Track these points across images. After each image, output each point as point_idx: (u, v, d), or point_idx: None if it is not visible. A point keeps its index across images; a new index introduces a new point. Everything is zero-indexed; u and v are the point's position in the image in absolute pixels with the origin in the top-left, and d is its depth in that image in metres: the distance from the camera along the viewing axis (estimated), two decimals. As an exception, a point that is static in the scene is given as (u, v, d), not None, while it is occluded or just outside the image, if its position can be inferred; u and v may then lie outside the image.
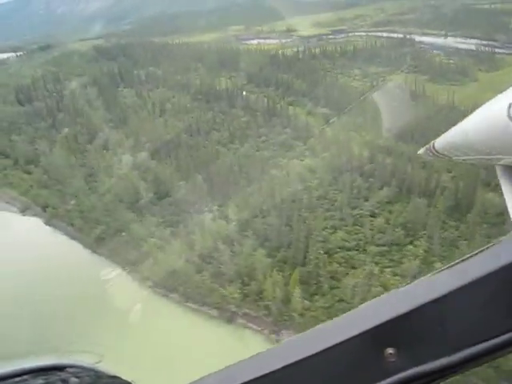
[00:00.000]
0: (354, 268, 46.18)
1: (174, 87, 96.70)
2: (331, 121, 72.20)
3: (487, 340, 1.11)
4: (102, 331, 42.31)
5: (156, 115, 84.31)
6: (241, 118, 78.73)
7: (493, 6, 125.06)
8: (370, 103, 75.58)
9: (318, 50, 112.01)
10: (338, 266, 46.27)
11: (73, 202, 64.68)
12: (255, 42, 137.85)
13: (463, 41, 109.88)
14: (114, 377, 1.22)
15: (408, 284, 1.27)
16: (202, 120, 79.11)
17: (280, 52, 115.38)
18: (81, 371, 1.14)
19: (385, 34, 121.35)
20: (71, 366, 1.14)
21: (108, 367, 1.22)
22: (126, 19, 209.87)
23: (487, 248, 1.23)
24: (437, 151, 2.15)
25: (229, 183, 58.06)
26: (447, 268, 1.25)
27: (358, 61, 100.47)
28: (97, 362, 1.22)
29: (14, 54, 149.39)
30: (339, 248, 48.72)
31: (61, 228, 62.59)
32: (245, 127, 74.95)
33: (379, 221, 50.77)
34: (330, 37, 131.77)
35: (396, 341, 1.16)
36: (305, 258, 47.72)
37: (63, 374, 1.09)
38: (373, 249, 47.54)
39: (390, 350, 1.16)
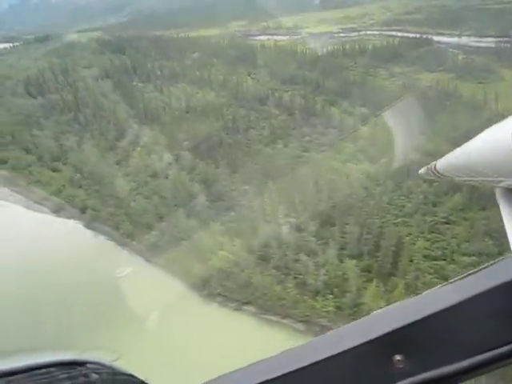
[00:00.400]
0: (446, 279, 42.55)
1: (196, 83, 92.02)
2: (372, 121, 68.52)
3: (492, 349, 1.14)
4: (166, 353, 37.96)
5: (182, 111, 79.51)
6: (277, 116, 74.51)
7: (501, 5, 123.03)
8: (407, 104, 72.07)
9: (335, 48, 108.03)
10: (430, 276, 42.54)
11: (114, 203, 59.01)
12: (264, 38, 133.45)
13: (479, 39, 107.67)
14: (130, 375, 1.25)
15: (417, 295, 1.34)
16: (236, 118, 74.68)
17: (297, 49, 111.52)
18: (100, 367, 1.17)
19: (399, 34, 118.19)
20: (91, 362, 1.17)
21: (123, 365, 1.25)
22: (121, 11, 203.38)
23: (492, 264, 1.28)
24: (438, 172, 2.18)
25: (286, 187, 53.72)
26: (454, 281, 1.30)
27: (380, 60, 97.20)
28: (114, 360, 1.25)
29: (8, 45, 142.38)
30: (424, 257, 45.12)
31: (104, 232, 57.02)
32: (284, 126, 70.82)
33: (459, 229, 47.34)
34: (342, 35, 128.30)
35: (404, 348, 1.19)
36: (395, 268, 43.93)
37: (84, 369, 1.12)
38: (463, 259, 44.00)
39: (398, 357, 1.19)
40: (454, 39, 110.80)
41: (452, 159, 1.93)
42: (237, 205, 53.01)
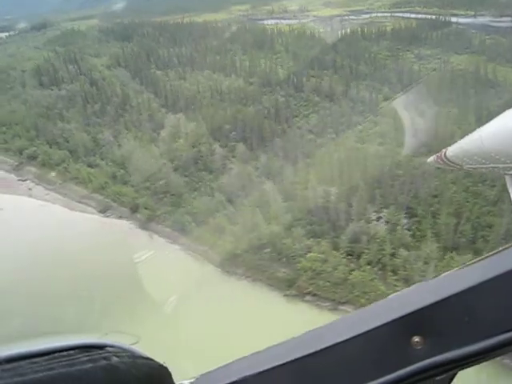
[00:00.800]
0: None
1: (219, 69, 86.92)
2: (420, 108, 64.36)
3: (510, 330, 1.13)
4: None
5: (215, 99, 74.51)
6: (318, 103, 69.96)
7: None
8: (455, 91, 67.88)
9: (351, 31, 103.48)
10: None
11: (170, 200, 53.58)
12: (271, 22, 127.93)
13: (497, 19, 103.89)
14: (149, 358, 1.24)
15: (436, 277, 1.31)
16: (275, 105, 69.92)
17: (311, 32, 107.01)
18: (120, 351, 1.17)
19: (412, 15, 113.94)
20: (111, 346, 1.17)
21: (142, 349, 1.24)
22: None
23: (511, 246, 1.28)
24: (448, 159, 2.15)
25: (362, 183, 49.15)
26: (473, 263, 1.29)
27: (403, 42, 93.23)
28: (133, 343, 1.25)
29: (3, 35, 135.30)
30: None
31: (166, 235, 51.41)
32: (329, 114, 66.33)
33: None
34: (352, 17, 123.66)
35: (422, 329, 1.19)
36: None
37: (104, 353, 1.12)
38: None
39: (416, 338, 1.19)
40: (471, 20, 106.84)
41: (463, 146, 1.87)
42: (317, 207, 48.34)
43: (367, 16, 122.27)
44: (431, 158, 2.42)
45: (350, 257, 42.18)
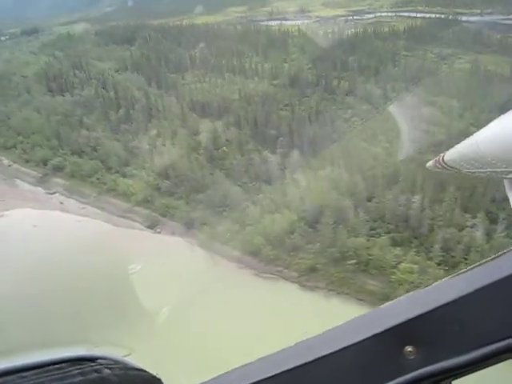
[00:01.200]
0: None
1: (238, 72, 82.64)
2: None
3: (502, 340, 1.11)
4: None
5: (243, 102, 69.95)
6: (355, 106, 65.99)
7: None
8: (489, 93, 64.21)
9: (361, 31, 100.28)
10: None
11: (231, 216, 47.52)
12: (273, 23, 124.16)
13: (505, 17, 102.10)
14: (141, 370, 1.22)
15: (428, 286, 1.28)
16: (308, 109, 65.97)
17: (320, 33, 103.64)
18: (112, 363, 1.15)
19: (418, 15, 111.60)
20: (103, 358, 1.14)
21: (135, 360, 1.21)
22: (101, 2, 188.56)
23: (501, 255, 1.24)
24: (446, 164, 2.10)
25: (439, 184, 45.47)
26: (463, 272, 1.26)
27: (420, 42, 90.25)
28: (126, 355, 1.22)
29: None
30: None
31: (234, 257, 44.65)
32: (369, 117, 62.26)
33: None
34: (356, 17, 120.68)
35: (415, 339, 1.17)
36: None
37: (95, 365, 1.10)
38: None
39: (409, 348, 1.17)
40: (478, 18, 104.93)
41: (460, 150, 1.81)
42: (391, 214, 44.51)
43: (371, 16, 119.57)
44: (430, 163, 2.29)
45: (446, 267, 38.37)
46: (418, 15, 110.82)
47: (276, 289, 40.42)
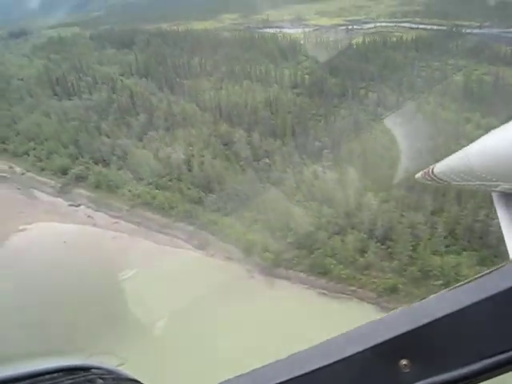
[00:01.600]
0: None
1: (256, 80, 78.33)
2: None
3: (498, 354, 1.10)
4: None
5: (269, 111, 65.45)
6: (390, 118, 61.45)
7: None
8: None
9: (367, 41, 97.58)
10: None
11: (308, 243, 40.69)
12: (270, 30, 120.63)
13: (506, 30, 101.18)
14: (135, 380, 1.21)
15: (423, 299, 1.26)
16: (341, 119, 61.98)
17: (324, 41, 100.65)
18: (105, 373, 1.13)
19: (420, 26, 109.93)
20: (96, 368, 1.13)
21: (129, 370, 1.19)
22: (86, 6, 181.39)
23: (496, 269, 1.23)
24: (435, 176, 2.12)
25: None
26: (459, 286, 1.25)
27: (431, 53, 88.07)
28: (119, 365, 1.20)
29: None
30: None
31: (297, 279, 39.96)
32: (409, 132, 58.10)
33: None
34: (356, 27, 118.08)
35: (410, 353, 1.16)
36: None
37: (89, 375, 1.08)
38: None
39: (404, 362, 1.15)
40: (479, 30, 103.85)
41: (450, 163, 1.83)
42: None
43: (371, 26, 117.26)
44: (419, 174, 2.30)
45: None
46: (420, 26, 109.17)
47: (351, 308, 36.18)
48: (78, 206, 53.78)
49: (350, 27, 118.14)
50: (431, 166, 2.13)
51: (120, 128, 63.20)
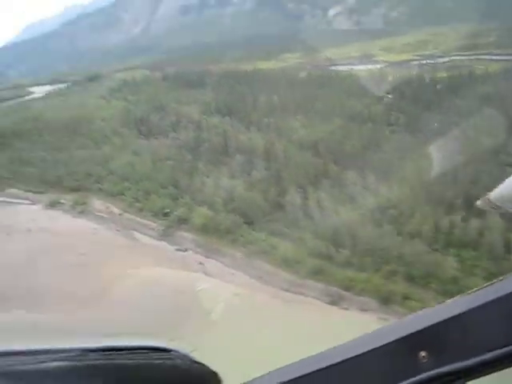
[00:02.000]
0: None
1: (345, 117, 73.39)
2: None
3: (504, 346, 1.19)
4: None
5: (372, 149, 60.13)
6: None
7: None
8: None
9: (451, 75, 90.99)
10: None
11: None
12: (340, 68, 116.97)
13: None
14: (204, 365, 1.32)
15: (441, 302, 1.36)
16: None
17: (399, 77, 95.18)
18: (181, 356, 1.27)
19: (499, 57, 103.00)
20: (175, 351, 1.27)
21: (198, 357, 1.30)
22: (151, 50, 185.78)
23: (507, 277, 1.30)
24: (492, 203, 2.02)
25: None
26: (473, 292, 1.32)
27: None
28: (191, 351, 1.31)
29: (61, 86, 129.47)
30: None
31: None
32: None
33: None
34: (429, 61, 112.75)
35: (429, 345, 1.27)
36: None
37: (170, 355, 1.24)
38: None
39: (423, 353, 1.27)
40: None
41: (502, 190, 1.80)
42: None
43: (446, 60, 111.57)
44: (479, 201, 2.17)
45: None
46: (499, 58, 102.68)
47: None
48: (185, 250, 49.11)
49: (423, 62, 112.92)
50: (489, 193, 1.82)
51: (217, 167, 59.14)
